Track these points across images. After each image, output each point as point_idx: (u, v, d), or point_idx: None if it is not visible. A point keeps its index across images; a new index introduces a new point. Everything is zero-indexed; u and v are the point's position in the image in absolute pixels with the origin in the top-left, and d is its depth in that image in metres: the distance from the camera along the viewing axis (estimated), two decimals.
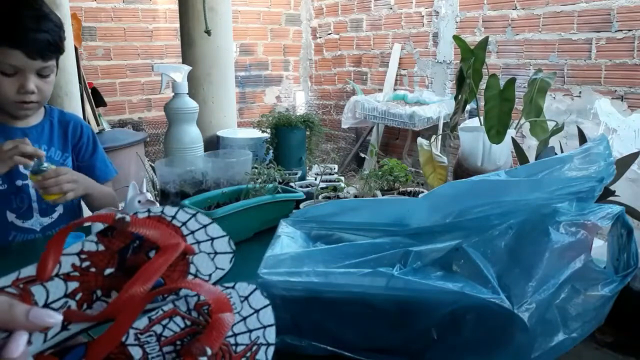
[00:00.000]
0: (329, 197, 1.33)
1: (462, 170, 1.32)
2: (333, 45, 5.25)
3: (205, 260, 0.46)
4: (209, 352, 0.39)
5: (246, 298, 0.45)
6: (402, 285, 0.62)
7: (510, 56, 3.68)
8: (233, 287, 0.45)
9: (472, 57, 1.28)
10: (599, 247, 0.82)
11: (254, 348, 0.43)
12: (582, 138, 1.06)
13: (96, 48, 4.41)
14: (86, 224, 1.08)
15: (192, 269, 0.45)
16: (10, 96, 1.23)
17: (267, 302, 0.45)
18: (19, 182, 1.30)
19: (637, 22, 3.00)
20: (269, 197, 1.17)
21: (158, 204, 1.05)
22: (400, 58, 4.56)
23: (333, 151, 1.72)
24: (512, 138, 1.23)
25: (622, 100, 3.13)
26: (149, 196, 1.05)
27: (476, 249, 0.64)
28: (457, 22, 4.04)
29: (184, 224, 0.47)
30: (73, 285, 0.43)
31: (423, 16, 4.30)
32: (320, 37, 5.39)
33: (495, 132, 1.22)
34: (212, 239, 0.47)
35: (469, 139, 1.32)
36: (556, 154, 0.99)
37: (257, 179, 1.20)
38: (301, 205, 1.25)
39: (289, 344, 0.73)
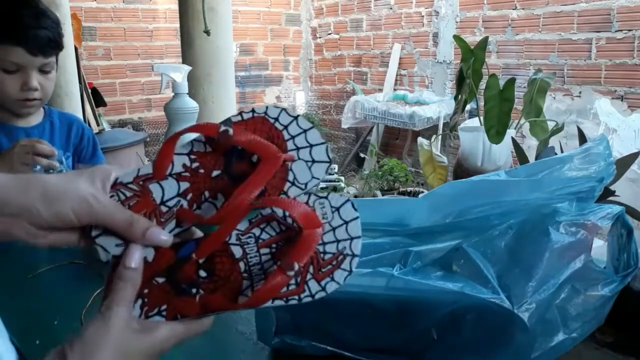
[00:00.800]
0: None
1: (462, 170, 1.32)
2: (333, 45, 5.25)
3: (302, 168, 0.47)
4: (297, 267, 0.43)
5: (337, 209, 0.47)
6: (402, 285, 0.62)
7: (510, 56, 3.68)
8: (326, 197, 0.47)
9: (472, 57, 1.28)
10: (599, 247, 0.82)
11: (340, 257, 0.45)
12: (582, 138, 1.06)
13: (96, 48, 4.41)
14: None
15: (290, 176, 0.47)
16: (14, 94, 1.24)
17: (357, 214, 0.47)
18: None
19: (637, 22, 3.00)
20: None
21: None
22: (400, 58, 4.56)
23: (333, 151, 1.72)
24: (512, 138, 1.23)
25: (622, 100, 3.13)
26: None
27: (476, 249, 0.64)
28: (457, 22, 4.04)
29: (286, 127, 0.48)
30: (184, 185, 0.47)
31: (423, 16, 4.30)
32: (320, 37, 5.39)
33: (495, 132, 1.22)
34: (312, 145, 0.48)
35: (469, 139, 1.32)
36: (556, 154, 0.99)
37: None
38: None
39: (289, 344, 0.73)
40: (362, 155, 3.47)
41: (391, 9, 4.57)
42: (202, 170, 0.47)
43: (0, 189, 0.43)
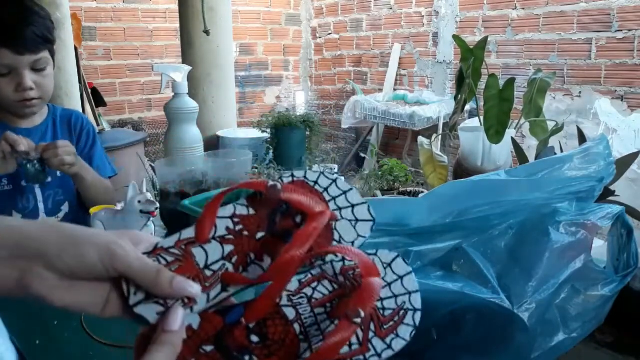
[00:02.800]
0: None
1: (462, 170, 1.32)
2: (333, 45, 5.25)
3: (347, 227, 0.47)
4: (362, 314, 0.40)
5: (389, 265, 0.46)
6: None
7: (510, 56, 3.68)
8: (375, 254, 0.46)
9: (471, 57, 1.28)
10: (599, 247, 0.82)
11: (401, 313, 0.44)
12: (582, 138, 1.06)
13: (96, 48, 4.40)
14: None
15: (336, 236, 0.46)
16: (10, 96, 1.21)
17: (410, 269, 0.45)
18: (24, 183, 1.30)
19: (637, 22, 3.00)
20: None
21: (157, 204, 1.05)
22: (400, 58, 4.55)
23: (333, 151, 1.72)
24: (512, 138, 1.23)
25: (622, 100, 3.13)
26: (149, 196, 1.05)
27: (476, 249, 0.64)
28: (457, 22, 4.04)
29: (326, 189, 0.47)
30: (229, 248, 0.45)
31: (423, 16, 4.30)
32: (320, 37, 5.38)
33: (495, 132, 1.22)
34: (353, 205, 0.47)
35: (469, 139, 1.32)
36: (556, 154, 0.99)
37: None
38: None
39: None
40: (362, 155, 3.47)
41: (391, 9, 4.57)
42: (246, 233, 0.45)
43: (17, 230, 0.40)
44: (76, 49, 3.32)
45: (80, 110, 3.25)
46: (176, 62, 4.39)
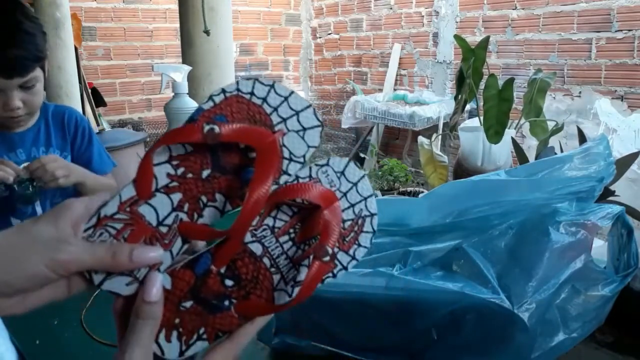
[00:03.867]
0: None
1: (462, 170, 1.32)
2: (333, 45, 5.25)
3: (295, 139, 0.44)
4: (330, 251, 0.41)
5: (342, 172, 0.44)
6: (402, 285, 0.62)
7: (510, 56, 3.68)
8: (327, 164, 0.45)
9: (472, 57, 1.28)
10: (599, 247, 0.82)
11: (360, 221, 0.44)
12: (582, 138, 1.06)
13: (96, 48, 4.40)
14: None
15: (286, 153, 0.43)
16: None
17: (362, 173, 0.44)
18: (17, 204, 1.28)
19: (637, 22, 3.00)
20: None
21: None
22: (400, 58, 4.55)
23: (333, 151, 1.72)
24: (512, 138, 1.23)
25: (622, 100, 3.13)
26: None
27: (476, 249, 0.64)
28: (457, 22, 4.04)
29: (264, 99, 0.43)
30: (177, 197, 0.42)
31: (423, 16, 4.30)
32: (320, 37, 5.38)
33: (494, 132, 1.22)
34: (297, 112, 0.44)
35: (469, 139, 1.32)
36: (556, 154, 0.99)
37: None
38: None
39: (289, 344, 0.73)
40: (362, 155, 3.47)
41: (391, 9, 4.57)
42: (190, 175, 0.42)
43: None
44: (76, 49, 3.32)
45: (80, 110, 3.25)
46: (176, 62, 4.39)
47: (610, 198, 0.92)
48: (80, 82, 3.36)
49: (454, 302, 0.60)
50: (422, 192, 1.32)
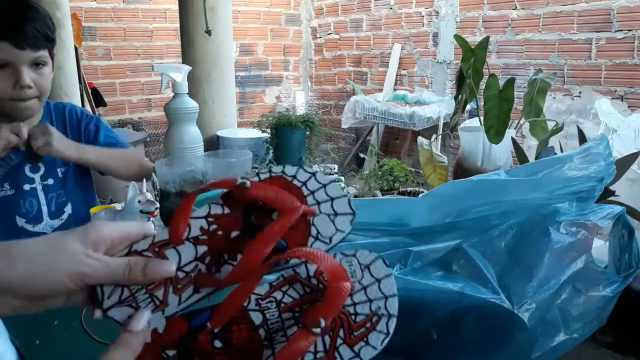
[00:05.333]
0: None
1: (462, 170, 1.32)
2: (333, 45, 5.25)
3: (325, 221, 0.45)
4: (323, 323, 0.39)
5: (367, 267, 0.44)
6: (402, 285, 0.61)
7: (510, 56, 3.68)
8: (354, 255, 0.44)
9: (472, 57, 1.28)
10: (600, 247, 0.82)
11: (374, 319, 0.41)
12: (582, 138, 1.06)
13: (96, 48, 4.40)
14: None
15: (313, 231, 0.44)
16: (7, 93, 1.19)
17: (390, 271, 0.43)
18: (27, 187, 1.29)
19: (637, 22, 3.00)
20: None
21: (157, 204, 1.05)
22: (400, 58, 4.55)
23: (333, 151, 1.72)
24: (512, 138, 1.23)
25: (622, 100, 3.13)
26: (149, 196, 1.05)
27: (476, 249, 0.64)
28: (457, 22, 4.04)
29: (304, 183, 0.46)
30: (202, 249, 0.44)
31: (423, 16, 4.30)
32: (320, 37, 5.38)
33: (495, 132, 1.22)
34: (332, 199, 0.46)
35: (469, 139, 1.32)
36: (556, 153, 0.99)
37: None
38: None
39: None
40: (362, 155, 3.47)
41: (391, 9, 4.57)
42: (220, 232, 0.44)
43: None
44: (76, 49, 3.32)
45: None
46: (176, 62, 4.39)
47: (611, 198, 0.92)
48: (80, 82, 3.36)
49: (454, 302, 0.60)
50: (422, 192, 1.32)
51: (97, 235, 0.43)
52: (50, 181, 1.32)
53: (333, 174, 1.54)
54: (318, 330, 0.39)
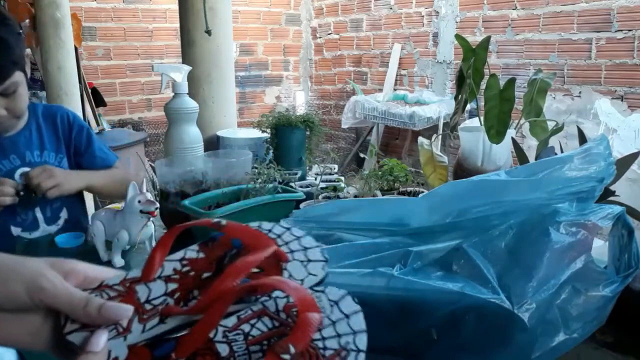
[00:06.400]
0: (329, 197, 1.33)
1: (462, 170, 1.32)
2: (333, 45, 5.25)
3: (298, 267, 0.46)
4: (292, 350, 0.38)
5: (336, 303, 0.44)
6: (402, 285, 0.62)
7: (510, 56, 3.68)
8: (323, 292, 0.45)
9: (473, 57, 1.28)
10: (600, 247, 0.82)
11: (343, 353, 0.41)
12: (582, 138, 1.06)
13: (96, 48, 4.41)
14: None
15: (285, 275, 0.45)
16: None
17: (358, 307, 0.43)
18: (19, 209, 1.28)
19: (637, 22, 3.00)
20: (269, 197, 1.16)
21: (158, 204, 1.05)
22: (400, 58, 4.55)
23: (333, 151, 1.72)
24: (512, 138, 1.23)
25: (622, 100, 3.13)
26: (149, 196, 1.05)
27: (476, 249, 0.64)
28: (457, 22, 4.04)
29: (279, 236, 0.48)
30: (172, 286, 0.45)
31: (423, 16, 4.30)
32: (320, 37, 5.38)
33: (495, 132, 1.22)
34: (306, 248, 0.47)
35: (469, 139, 1.32)
36: (556, 154, 0.99)
37: (257, 179, 1.20)
38: (301, 205, 1.25)
39: None
40: (362, 155, 3.47)
41: (391, 9, 4.57)
42: (192, 273, 0.45)
43: None
44: (76, 49, 3.32)
45: (81, 110, 3.24)
46: (176, 62, 4.38)
47: (611, 198, 0.92)
48: (80, 82, 3.36)
49: (454, 302, 0.60)
50: (422, 192, 1.32)
51: (70, 267, 0.43)
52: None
53: (333, 174, 1.54)
54: (287, 356, 0.38)
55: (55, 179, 1.21)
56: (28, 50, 3.38)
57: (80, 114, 3.17)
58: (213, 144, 2.38)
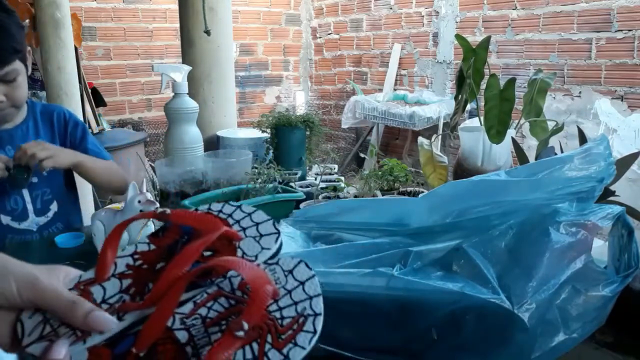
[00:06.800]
0: (329, 197, 1.33)
1: (462, 170, 1.32)
2: (333, 45, 5.25)
3: (251, 243, 0.47)
4: (246, 326, 0.39)
5: (290, 272, 0.45)
6: (402, 285, 0.62)
7: (510, 56, 3.68)
8: (277, 263, 0.45)
9: (473, 57, 1.28)
10: (600, 247, 0.82)
11: (301, 320, 0.42)
12: (582, 138, 1.06)
13: (96, 48, 4.40)
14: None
15: (239, 253, 0.46)
16: None
17: (312, 273, 0.44)
18: (10, 190, 1.29)
19: (637, 22, 3.00)
20: (269, 197, 1.16)
21: (158, 204, 1.05)
22: (400, 58, 4.55)
23: (333, 151, 1.72)
24: (512, 138, 1.23)
25: (622, 100, 3.13)
26: (149, 196, 1.05)
27: (476, 249, 0.64)
28: (457, 22, 4.04)
29: (230, 215, 0.48)
30: (127, 282, 0.45)
31: (423, 16, 4.30)
32: (320, 37, 5.38)
33: (495, 132, 1.22)
34: (257, 224, 0.48)
35: (469, 139, 1.32)
36: (556, 154, 0.99)
37: (257, 179, 1.20)
38: (301, 205, 1.25)
39: None
40: (362, 155, 3.47)
41: (391, 9, 4.57)
42: (145, 266, 0.45)
43: None
44: (76, 49, 3.32)
45: (81, 110, 3.24)
46: (176, 62, 4.38)
47: (611, 198, 0.92)
48: (80, 82, 3.36)
49: (454, 302, 0.60)
50: (422, 192, 1.32)
51: (64, 272, 0.45)
52: (35, 179, 1.32)
53: (333, 174, 1.54)
54: (241, 333, 0.39)
55: (49, 150, 1.21)
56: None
57: (80, 114, 3.17)
58: (213, 144, 2.39)
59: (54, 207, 1.37)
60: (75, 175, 1.43)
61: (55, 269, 0.45)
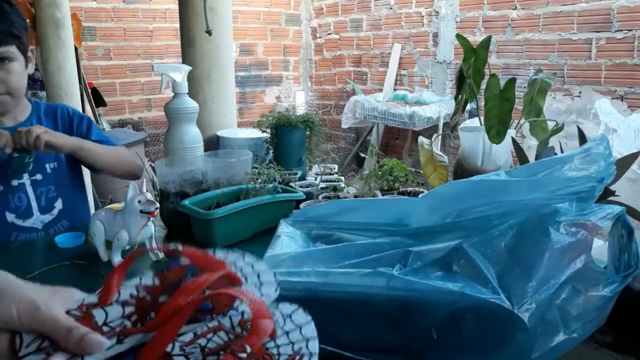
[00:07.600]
0: (329, 197, 1.33)
1: (462, 170, 1.32)
2: (333, 45, 5.25)
3: (251, 289, 0.48)
4: (249, 349, 0.41)
5: (289, 316, 0.47)
6: (402, 285, 0.62)
7: (510, 56, 3.68)
8: (277, 307, 0.48)
9: (473, 57, 1.28)
10: (600, 247, 0.82)
11: (297, 357, 0.44)
12: (582, 138, 1.06)
13: (96, 48, 4.40)
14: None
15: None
16: None
17: (309, 318, 0.47)
18: (15, 182, 1.29)
19: (637, 22, 3.00)
20: (269, 197, 1.16)
21: (157, 204, 1.05)
22: (400, 58, 4.55)
23: (333, 151, 1.72)
24: (512, 138, 1.23)
25: (622, 100, 3.13)
26: (149, 196, 1.05)
27: (476, 249, 0.64)
28: (457, 22, 4.04)
29: (233, 263, 0.50)
30: (129, 309, 0.46)
31: (423, 16, 4.30)
32: (320, 37, 5.38)
33: (495, 132, 1.22)
34: (259, 273, 0.50)
35: (469, 139, 1.32)
36: (556, 154, 0.99)
37: (257, 179, 1.20)
38: (301, 205, 1.25)
39: None
40: (362, 155, 3.47)
41: (391, 9, 4.57)
42: (148, 297, 0.47)
43: None
44: (76, 49, 3.32)
45: (80, 110, 3.24)
46: (176, 62, 4.38)
47: (611, 198, 0.92)
48: (80, 82, 3.36)
49: (454, 302, 0.60)
50: (422, 192, 1.32)
51: (68, 294, 0.46)
52: (39, 176, 1.32)
53: (333, 174, 1.54)
54: (244, 355, 0.40)
55: (50, 133, 1.22)
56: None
57: None
58: (213, 144, 2.39)
59: (58, 204, 1.37)
60: (84, 174, 1.44)
61: (60, 290, 0.45)
